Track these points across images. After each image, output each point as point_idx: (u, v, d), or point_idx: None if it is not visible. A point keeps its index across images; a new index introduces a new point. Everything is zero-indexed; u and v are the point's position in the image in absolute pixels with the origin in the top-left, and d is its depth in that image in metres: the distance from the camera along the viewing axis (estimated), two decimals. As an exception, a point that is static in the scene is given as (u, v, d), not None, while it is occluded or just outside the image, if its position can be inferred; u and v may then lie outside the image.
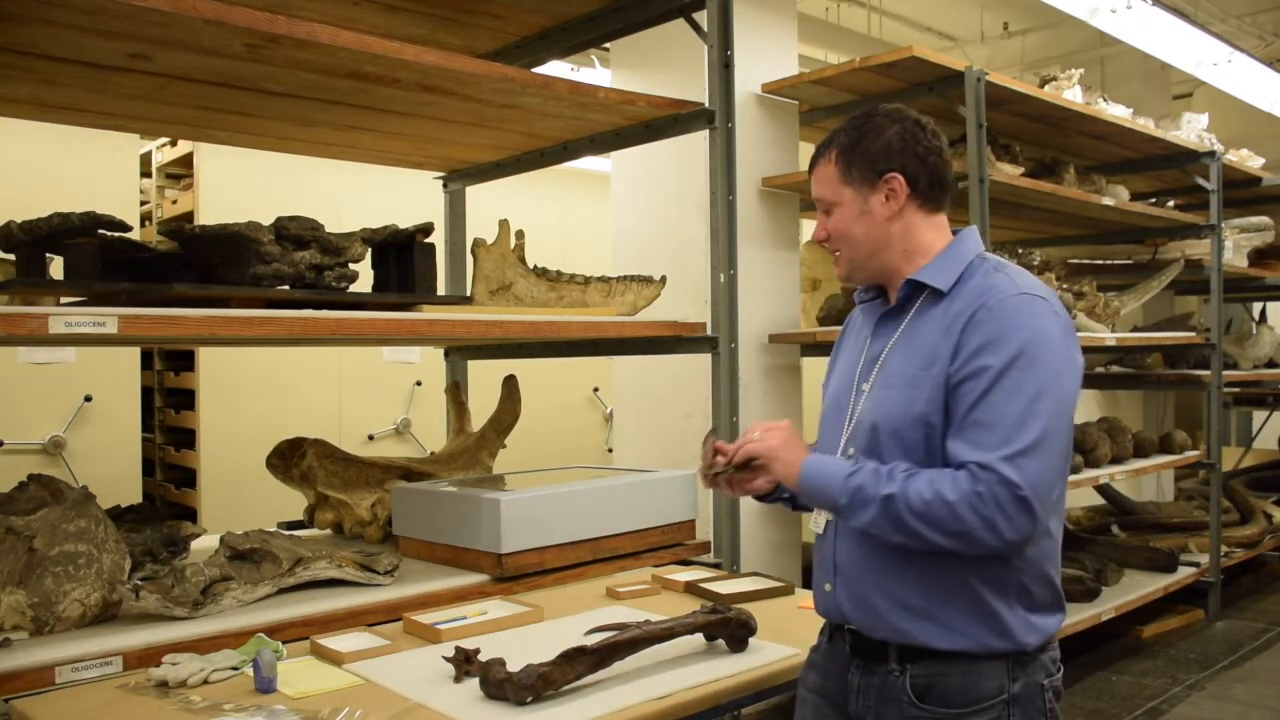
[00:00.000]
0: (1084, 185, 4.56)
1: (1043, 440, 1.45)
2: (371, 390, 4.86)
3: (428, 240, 2.46)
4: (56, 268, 2.02)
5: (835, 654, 1.67)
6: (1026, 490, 1.43)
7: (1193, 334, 5.28)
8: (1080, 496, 6.05)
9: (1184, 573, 4.94)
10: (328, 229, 2.26)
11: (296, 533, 2.69)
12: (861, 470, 1.54)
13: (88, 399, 3.99)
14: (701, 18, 2.77)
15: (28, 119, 2.60)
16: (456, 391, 3.22)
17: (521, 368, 3.14)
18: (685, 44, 2.86)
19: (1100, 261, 5.75)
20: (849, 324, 1.85)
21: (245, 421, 4.34)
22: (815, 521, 1.69)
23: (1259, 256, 6.00)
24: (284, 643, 1.92)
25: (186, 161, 4.45)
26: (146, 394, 4.55)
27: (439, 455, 2.97)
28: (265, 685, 1.70)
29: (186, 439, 4.50)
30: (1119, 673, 4.31)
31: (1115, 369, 5.86)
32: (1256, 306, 6.74)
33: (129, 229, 2.05)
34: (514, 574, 2.33)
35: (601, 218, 4.63)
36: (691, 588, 2.36)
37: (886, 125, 1.63)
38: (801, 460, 1.59)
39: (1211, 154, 5.14)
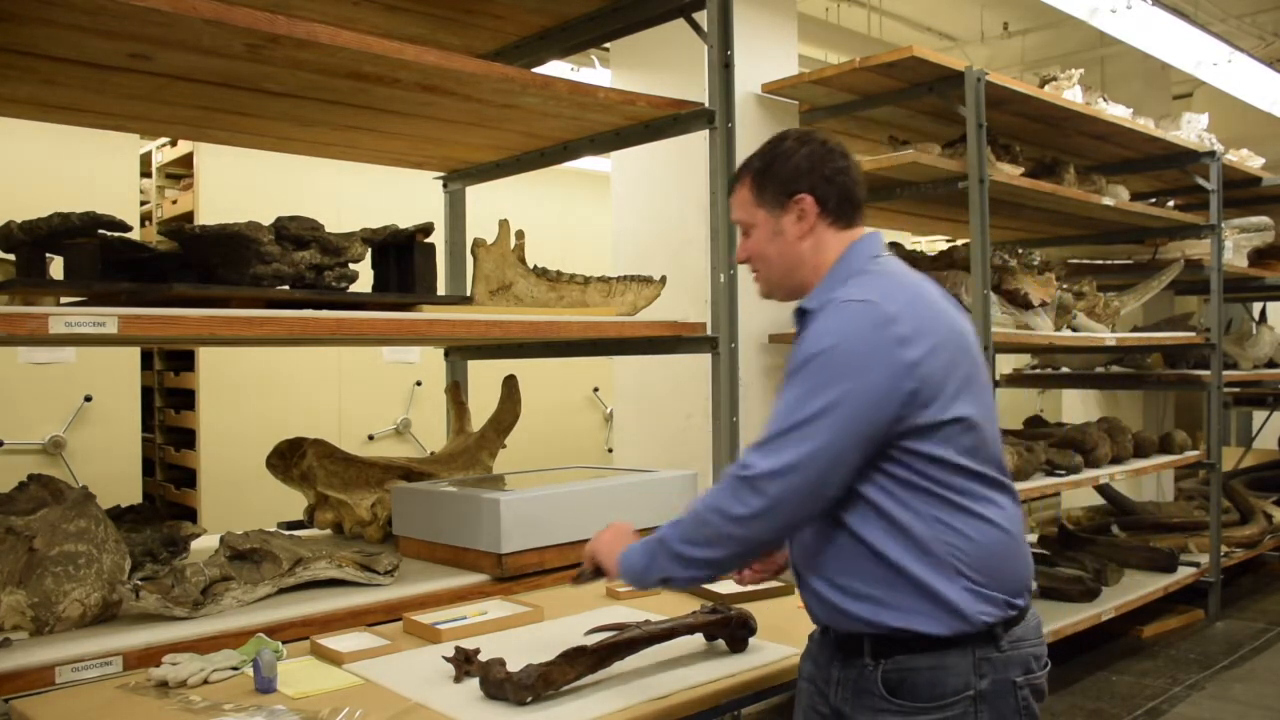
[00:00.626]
0: (1084, 185, 4.56)
1: (796, 428, 1.52)
2: (371, 390, 4.86)
3: (428, 240, 2.45)
4: (56, 268, 2.03)
5: (825, 646, 1.71)
6: (754, 469, 1.53)
7: (1193, 334, 5.28)
8: (1080, 496, 6.05)
9: (1184, 573, 4.94)
10: (328, 229, 2.26)
11: (296, 533, 2.69)
12: (654, 535, 1.66)
13: (88, 399, 3.99)
14: (701, 18, 2.77)
15: (28, 119, 2.60)
16: (456, 391, 3.23)
17: (521, 368, 3.14)
18: (685, 44, 2.86)
19: (1100, 261, 5.74)
20: None
21: (245, 421, 4.34)
22: None
23: (1259, 256, 5.99)
24: (284, 643, 1.92)
25: (186, 161, 4.45)
26: (146, 394, 4.55)
27: (439, 455, 2.97)
28: (265, 685, 1.70)
29: (186, 439, 4.50)
30: (1119, 673, 4.31)
31: (1115, 369, 5.85)
32: (1256, 306, 6.74)
33: (129, 229, 2.05)
34: (514, 574, 2.33)
35: (601, 218, 4.63)
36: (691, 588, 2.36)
37: (795, 149, 1.72)
38: (622, 548, 1.71)
39: (1211, 154, 5.13)
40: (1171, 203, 5.67)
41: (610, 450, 5.56)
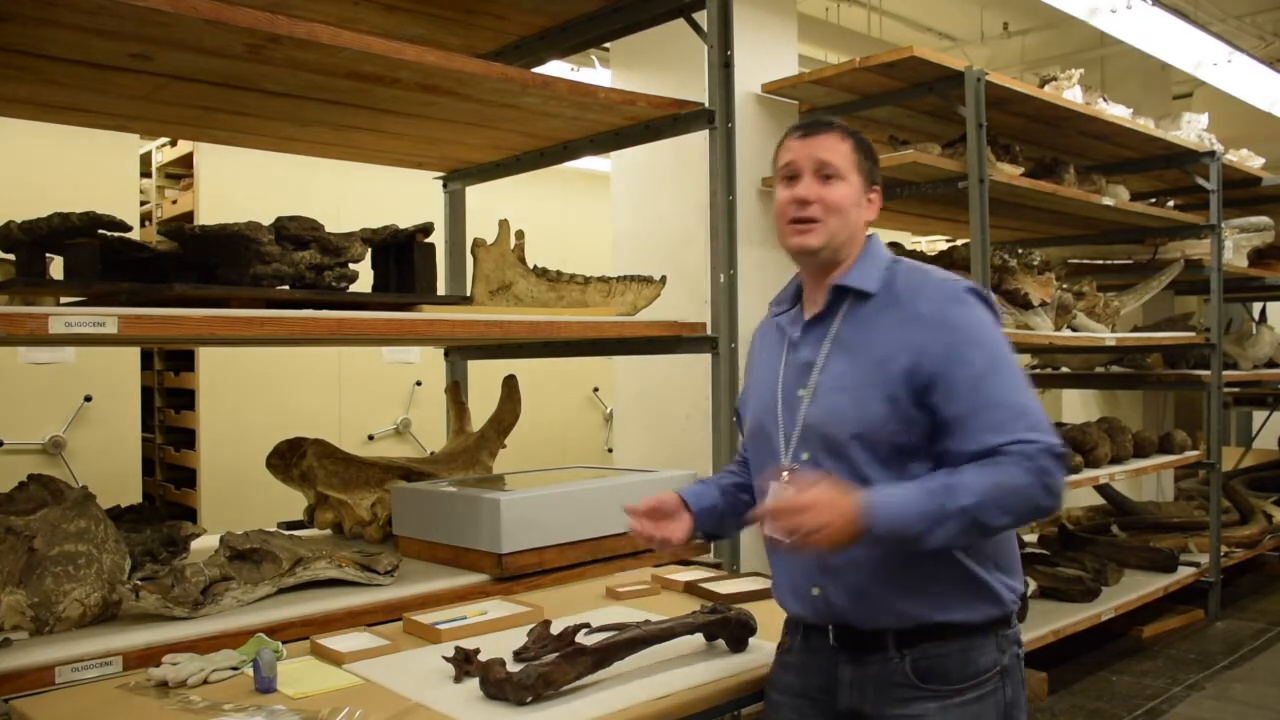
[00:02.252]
0: (1084, 185, 4.56)
1: (1037, 405, 1.60)
2: (371, 390, 4.86)
3: (428, 240, 2.45)
4: (56, 268, 2.03)
5: (815, 651, 1.70)
6: (1061, 446, 1.55)
7: (1193, 334, 5.28)
8: (1080, 496, 6.05)
9: (1184, 573, 4.94)
10: (328, 229, 2.26)
11: (296, 533, 2.69)
12: (911, 494, 1.52)
13: (88, 399, 3.99)
14: (701, 18, 2.77)
15: (28, 119, 2.59)
16: (456, 391, 3.23)
17: (521, 368, 3.14)
18: (685, 44, 2.86)
19: (1100, 261, 5.74)
20: (760, 339, 1.91)
21: (245, 421, 4.34)
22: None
23: (1259, 256, 5.99)
24: (284, 643, 1.91)
25: (186, 161, 4.45)
26: (146, 394, 4.54)
27: (439, 455, 2.97)
28: (265, 685, 1.70)
29: (186, 439, 4.50)
30: (1119, 673, 4.31)
31: (1115, 369, 5.85)
32: (1256, 306, 6.73)
33: (129, 229, 2.05)
34: (514, 574, 2.33)
35: (601, 218, 4.63)
36: (691, 588, 2.36)
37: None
38: (858, 510, 1.49)
39: (1211, 154, 5.13)
40: (1171, 203, 5.67)
41: (610, 450, 5.56)
